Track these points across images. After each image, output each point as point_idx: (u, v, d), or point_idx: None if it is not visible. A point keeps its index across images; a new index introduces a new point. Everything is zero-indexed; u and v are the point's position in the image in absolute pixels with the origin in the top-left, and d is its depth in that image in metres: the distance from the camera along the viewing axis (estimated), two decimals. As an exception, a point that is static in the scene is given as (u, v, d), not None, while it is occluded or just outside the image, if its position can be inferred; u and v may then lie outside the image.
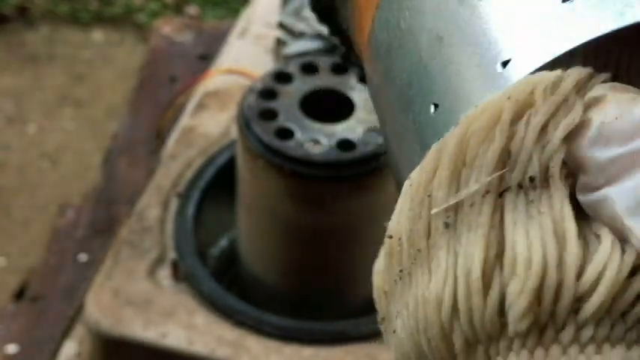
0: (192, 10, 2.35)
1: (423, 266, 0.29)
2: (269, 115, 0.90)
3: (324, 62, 0.96)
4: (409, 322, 0.29)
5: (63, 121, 2.07)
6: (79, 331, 1.06)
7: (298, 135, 0.89)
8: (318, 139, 0.88)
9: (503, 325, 0.27)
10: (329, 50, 1.23)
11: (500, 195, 0.28)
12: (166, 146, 1.20)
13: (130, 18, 2.34)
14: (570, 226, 0.27)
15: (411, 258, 0.29)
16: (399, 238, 0.30)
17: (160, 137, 1.32)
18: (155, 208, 1.06)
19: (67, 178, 1.93)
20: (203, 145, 1.13)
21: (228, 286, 1.06)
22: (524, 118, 0.28)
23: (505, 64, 0.30)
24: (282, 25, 1.26)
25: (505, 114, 0.28)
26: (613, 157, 0.27)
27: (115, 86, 2.11)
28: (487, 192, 0.28)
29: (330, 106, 0.92)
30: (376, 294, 0.31)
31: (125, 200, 1.28)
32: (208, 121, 1.17)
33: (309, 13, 1.26)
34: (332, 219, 0.93)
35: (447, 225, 0.28)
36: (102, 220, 1.30)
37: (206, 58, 1.47)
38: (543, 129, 0.28)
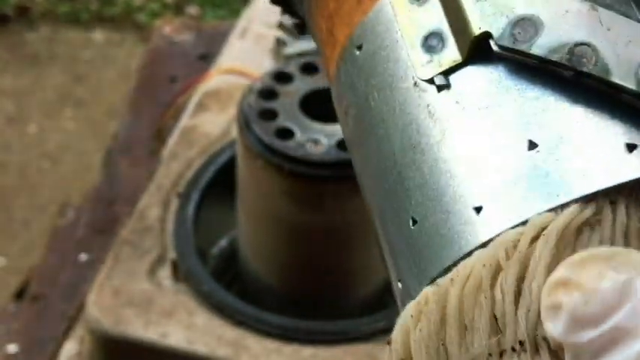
0: (192, 10, 2.35)
1: None
2: (269, 115, 0.91)
3: (324, 62, 0.96)
4: None
5: (63, 121, 2.07)
6: (79, 330, 1.06)
7: (298, 135, 0.89)
8: (318, 139, 0.88)
9: None
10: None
11: (501, 356, 0.30)
12: (167, 146, 1.21)
13: (130, 18, 2.34)
14: None
15: None
16: None
17: (160, 137, 1.32)
18: (155, 208, 1.06)
19: (67, 178, 1.93)
20: (203, 145, 1.13)
21: (228, 286, 1.06)
22: (499, 282, 0.30)
23: (478, 210, 0.32)
24: (282, 25, 1.26)
25: (484, 282, 0.31)
26: (590, 339, 0.29)
27: (115, 86, 2.11)
28: (490, 354, 0.30)
29: (330, 106, 0.92)
30: None
31: (125, 200, 1.28)
32: (208, 121, 1.17)
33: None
34: (332, 219, 0.93)
35: None
36: (102, 220, 1.30)
37: (206, 58, 1.47)
38: (518, 292, 0.30)
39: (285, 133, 0.89)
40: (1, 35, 2.28)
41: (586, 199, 0.31)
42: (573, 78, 0.32)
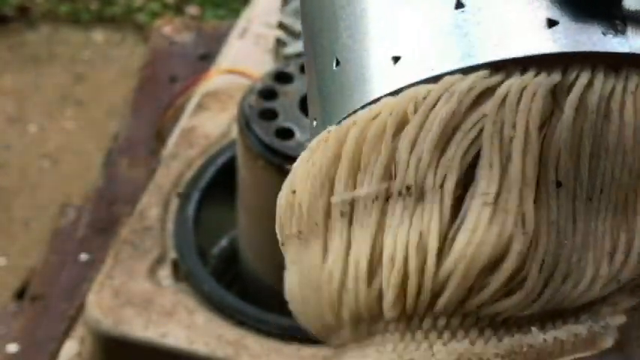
0: (192, 10, 2.35)
1: (319, 239, 0.34)
2: (269, 115, 0.91)
3: (324, 62, 0.96)
4: (302, 277, 0.35)
5: (63, 121, 2.07)
6: (79, 330, 1.06)
7: (298, 135, 0.89)
8: (318, 139, 0.88)
9: (382, 310, 0.32)
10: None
11: (387, 200, 0.32)
12: (167, 146, 1.21)
13: (130, 18, 2.35)
14: (433, 239, 0.31)
15: (310, 227, 0.34)
16: (299, 204, 0.35)
17: (160, 137, 1.32)
18: (155, 208, 1.06)
19: (67, 178, 1.93)
20: (203, 145, 1.13)
21: (228, 286, 1.06)
22: (403, 133, 0.32)
23: (396, 59, 0.33)
24: (282, 25, 1.26)
25: (388, 130, 0.32)
26: None
27: (116, 86, 2.11)
28: (376, 197, 0.32)
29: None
30: (277, 224, 0.37)
31: (125, 200, 1.28)
32: (208, 121, 1.17)
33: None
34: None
35: (342, 214, 0.33)
36: (102, 220, 1.31)
37: (206, 58, 1.48)
38: (415, 142, 0.31)
39: (285, 133, 0.89)
40: (2, 35, 2.28)
41: (497, 66, 0.31)
42: None
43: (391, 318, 0.32)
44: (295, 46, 1.24)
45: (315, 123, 0.37)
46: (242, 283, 1.07)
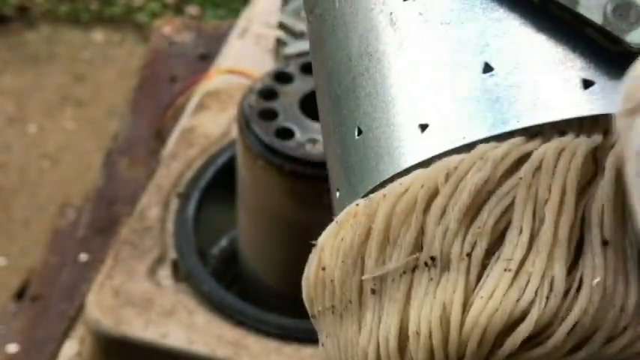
0: (192, 10, 2.35)
1: (353, 316, 0.33)
2: (269, 115, 0.91)
3: (324, 62, 0.96)
4: (337, 351, 0.34)
5: (63, 121, 2.07)
6: (79, 330, 1.06)
7: (298, 135, 0.89)
8: (317, 139, 0.89)
9: None
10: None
11: (413, 272, 0.31)
12: (167, 146, 1.21)
13: (130, 18, 2.34)
14: (456, 310, 0.30)
15: (343, 303, 0.33)
16: (332, 280, 0.34)
17: (160, 137, 1.32)
18: (155, 208, 1.06)
19: (67, 178, 1.93)
20: (203, 145, 1.13)
21: (228, 286, 1.06)
22: (433, 204, 0.31)
23: (424, 127, 0.32)
24: (282, 25, 1.26)
25: (418, 203, 0.31)
26: None
27: (115, 86, 2.11)
28: (404, 271, 0.31)
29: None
30: (306, 297, 0.36)
31: (125, 200, 1.28)
32: (208, 121, 1.17)
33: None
34: (331, 218, 0.93)
35: (373, 291, 0.32)
36: (102, 220, 1.30)
37: (206, 58, 1.48)
38: (443, 213, 0.31)
39: (285, 133, 0.89)
40: (1, 35, 2.28)
41: (532, 132, 0.30)
42: (540, 3, 0.31)
43: None
44: (295, 46, 1.24)
45: (338, 194, 0.36)
46: (242, 283, 1.07)
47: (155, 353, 0.94)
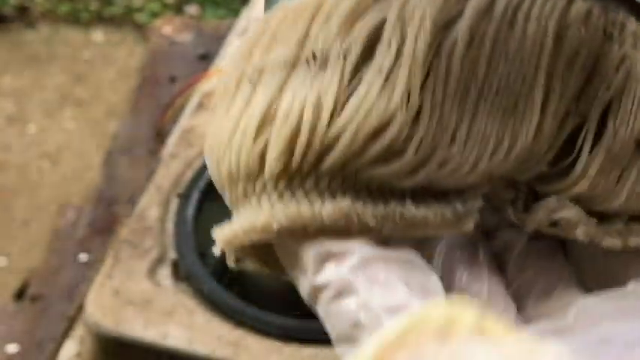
0: (192, 9, 2.35)
1: (226, 101, 0.35)
2: (269, 115, 0.90)
3: (324, 62, 0.96)
4: (208, 137, 0.36)
5: (63, 121, 2.07)
6: (79, 331, 1.06)
7: (298, 135, 0.89)
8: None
9: (261, 168, 0.33)
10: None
11: (293, 67, 0.34)
12: (166, 146, 1.21)
13: (130, 18, 2.34)
14: (329, 100, 0.33)
15: (223, 94, 0.36)
16: (225, 80, 0.36)
17: (160, 137, 1.32)
18: (155, 208, 1.06)
19: (67, 178, 1.93)
20: (203, 145, 1.13)
21: (228, 286, 1.06)
22: (320, 11, 0.34)
23: None
24: (282, 25, 1.26)
25: (307, 10, 0.34)
26: None
27: (115, 86, 2.11)
28: (284, 65, 0.34)
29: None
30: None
31: (125, 200, 1.28)
32: (208, 121, 1.17)
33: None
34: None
35: (250, 80, 0.34)
36: (102, 220, 1.30)
37: (206, 58, 1.48)
38: (328, 19, 0.34)
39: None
40: (1, 35, 2.28)
41: None
42: None
43: (272, 175, 0.33)
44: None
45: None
46: (242, 284, 1.06)
47: (155, 353, 0.94)
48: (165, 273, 0.99)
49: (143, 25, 2.29)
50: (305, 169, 0.33)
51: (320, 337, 0.95)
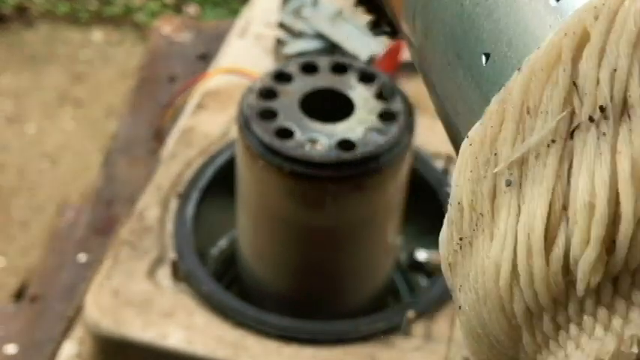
0: (191, 9, 2.35)
1: (485, 232, 0.26)
2: (269, 114, 0.90)
3: (324, 62, 0.96)
4: (470, 294, 0.26)
5: (62, 121, 2.07)
6: (78, 331, 1.05)
7: (298, 135, 0.88)
8: (317, 139, 0.88)
9: (570, 285, 0.24)
10: (329, 50, 1.23)
11: (571, 137, 0.24)
12: (166, 146, 1.20)
13: (129, 18, 2.34)
14: None
15: (473, 224, 0.26)
16: (459, 203, 0.27)
17: (159, 137, 1.32)
18: (155, 208, 1.05)
19: (66, 178, 1.93)
20: (203, 145, 1.13)
21: (228, 286, 1.05)
22: (586, 48, 0.24)
23: None
24: (282, 25, 1.26)
25: (565, 52, 0.24)
26: None
27: (115, 86, 2.11)
28: (553, 140, 0.24)
29: (330, 106, 0.92)
30: (443, 268, 0.28)
31: (125, 200, 1.28)
32: (208, 121, 1.16)
33: (309, 13, 1.26)
34: (332, 219, 0.93)
35: (509, 183, 0.25)
36: (101, 220, 1.30)
37: (206, 58, 1.47)
38: (603, 53, 0.24)
39: (285, 133, 0.89)
40: (0, 35, 2.28)
41: None
42: None
43: (589, 290, 0.24)
44: (295, 46, 1.24)
45: (466, 116, 0.30)
46: (242, 284, 1.06)
47: (154, 354, 0.93)
48: (164, 273, 0.99)
49: (142, 25, 2.29)
50: (633, 264, 0.23)
51: (320, 338, 0.95)
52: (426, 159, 1.12)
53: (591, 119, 0.24)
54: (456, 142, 0.31)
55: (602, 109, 0.24)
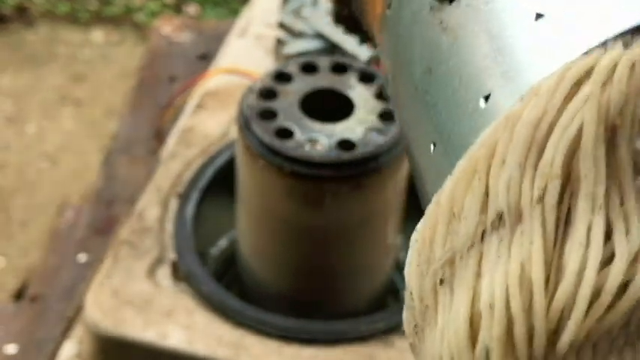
0: (191, 9, 2.35)
1: (431, 324, 0.28)
2: (269, 114, 0.90)
3: (324, 62, 0.96)
4: None
5: (62, 121, 2.07)
6: (78, 331, 1.05)
7: (298, 135, 0.88)
8: (317, 138, 0.88)
9: None
10: (329, 50, 1.23)
11: (482, 240, 0.27)
12: (166, 146, 1.20)
13: (129, 18, 2.34)
14: (537, 266, 0.25)
15: (422, 314, 0.29)
16: (411, 293, 0.29)
17: (159, 137, 1.32)
18: (155, 208, 1.05)
19: (66, 178, 1.93)
20: (203, 145, 1.13)
21: (228, 286, 1.05)
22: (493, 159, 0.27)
23: (487, 98, 0.28)
24: (282, 25, 1.26)
25: (480, 163, 0.27)
26: None
27: (115, 86, 2.11)
28: (472, 244, 0.27)
29: (330, 106, 0.92)
30: (409, 345, 0.31)
31: (125, 200, 1.28)
32: (208, 121, 1.16)
33: (309, 13, 1.26)
34: (332, 219, 0.93)
35: (442, 282, 0.27)
36: (101, 220, 1.30)
37: (206, 58, 1.47)
38: (503, 163, 0.26)
39: (285, 133, 0.89)
40: (0, 35, 2.28)
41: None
42: None
43: None
44: (295, 46, 1.24)
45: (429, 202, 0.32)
46: (242, 284, 1.06)
47: (154, 354, 0.93)
48: (164, 273, 0.99)
49: (142, 25, 2.29)
50: (539, 357, 0.25)
51: (320, 338, 0.95)
52: (426, 159, 1.12)
53: (493, 225, 0.26)
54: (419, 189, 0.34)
55: (500, 215, 0.26)
